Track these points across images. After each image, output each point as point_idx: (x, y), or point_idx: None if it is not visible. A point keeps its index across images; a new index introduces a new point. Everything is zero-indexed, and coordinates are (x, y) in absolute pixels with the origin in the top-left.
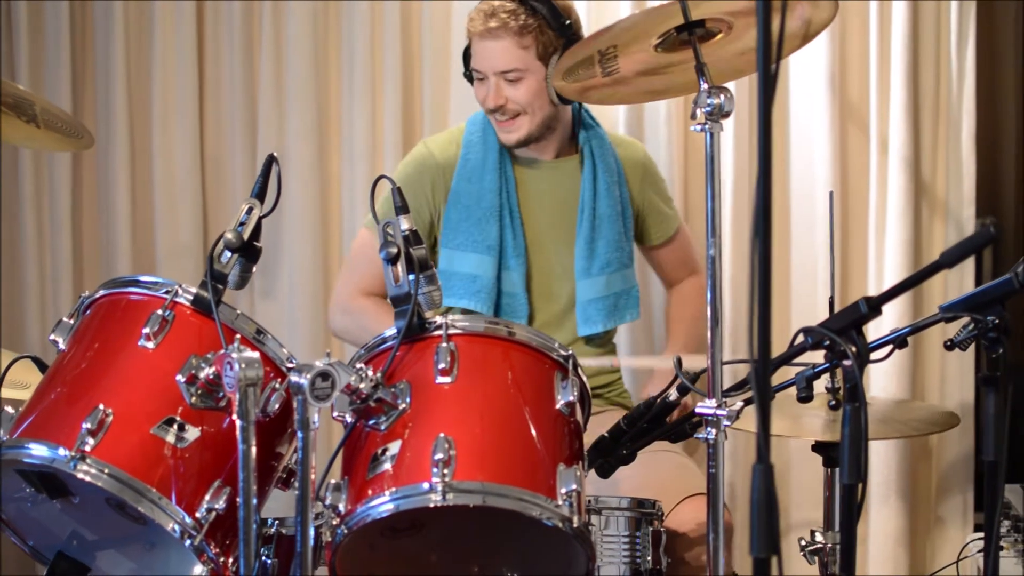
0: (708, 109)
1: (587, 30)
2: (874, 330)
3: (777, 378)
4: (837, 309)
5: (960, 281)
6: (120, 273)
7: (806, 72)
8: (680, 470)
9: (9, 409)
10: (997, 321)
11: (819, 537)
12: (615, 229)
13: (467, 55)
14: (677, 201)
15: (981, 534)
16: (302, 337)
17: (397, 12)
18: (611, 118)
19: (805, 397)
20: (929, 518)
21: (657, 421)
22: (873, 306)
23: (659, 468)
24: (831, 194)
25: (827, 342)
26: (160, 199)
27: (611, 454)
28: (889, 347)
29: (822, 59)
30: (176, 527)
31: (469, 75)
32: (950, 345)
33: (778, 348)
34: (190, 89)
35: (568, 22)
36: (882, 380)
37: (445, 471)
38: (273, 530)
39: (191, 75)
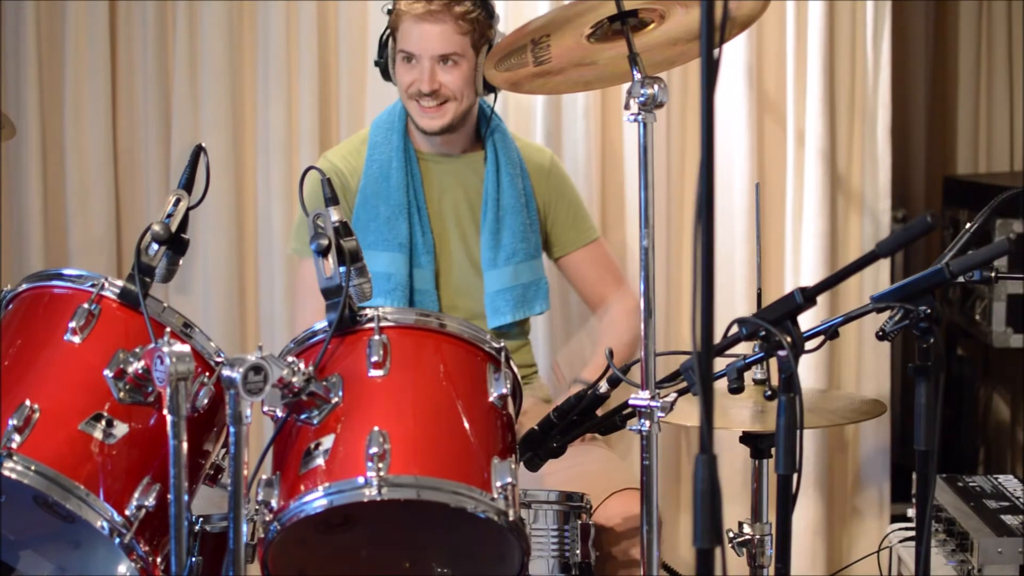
0: (642, 99)
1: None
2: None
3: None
4: (757, 300)
5: (876, 274)
6: (32, 267)
7: (724, 65)
8: (606, 464)
9: None
10: (929, 311)
11: (747, 529)
12: (519, 219)
13: (383, 41)
14: (595, 193)
15: (900, 525)
16: (217, 331)
17: (313, 6)
18: (527, 111)
19: (736, 388)
20: (846, 509)
21: (587, 414)
22: (808, 296)
23: (585, 462)
24: (756, 186)
25: (762, 332)
26: (72, 192)
27: (541, 447)
28: (821, 337)
29: (740, 52)
30: (105, 524)
31: (383, 62)
32: (881, 335)
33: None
34: (102, 81)
35: (496, 15)
36: (800, 370)
37: (380, 465)
38: (198, 527)
39: (103, 66)
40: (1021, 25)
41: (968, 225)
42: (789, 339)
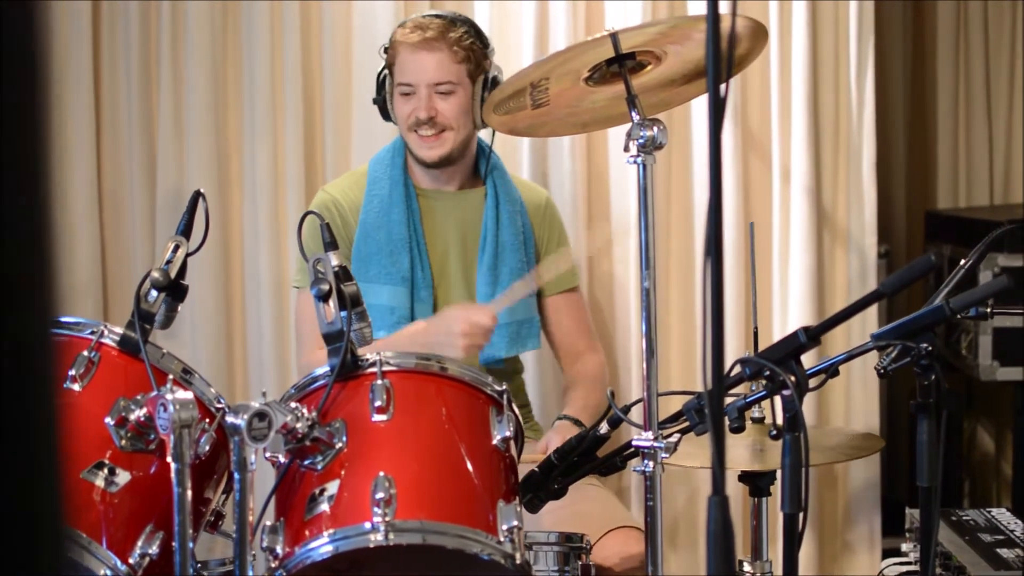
0: (641, 141)
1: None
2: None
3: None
4: (743, 339)
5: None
6: None
7: (707, 103)
8: (601, 503)
9: None
10: (929, 348)
11: (747, 567)
12: (517, 257)
13: (380, 79)
14: (581, 233)
15: (894, 560)
16: (206, 375)
17: (297, 47)
18: (514, 150)
19: (738, 428)
20: (836, 544)
21: (588, 455)
22: (812, 336)
23: (580, 501)
24: (751, 225)
25: (767, 372)
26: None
27: (542, 489)
28: (822, 376)
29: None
30: (108, 573)
31: (381, 100)
32: (882, 372)
33: (683, 381)
34: (86, 125)
35: (491, 47)
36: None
37: (386, 510)
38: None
39: (87, 110)
40: (999, 58)
41: (963, 262)
42: (793, 378)
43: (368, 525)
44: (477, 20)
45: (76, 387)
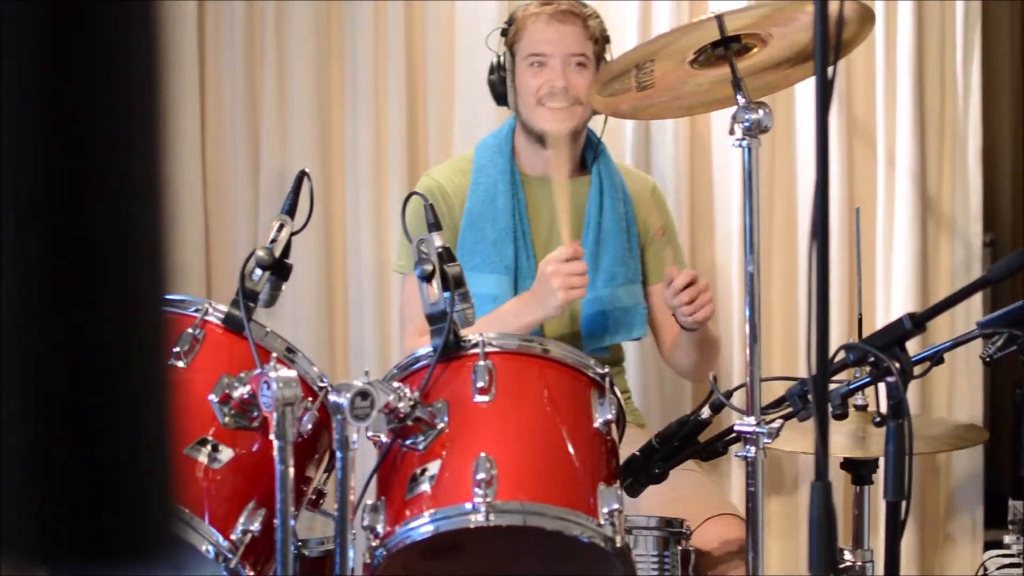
0: (747, 124)
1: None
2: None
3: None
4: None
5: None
6: None
7: (812, 88)
8: (701, 488)
9: None
10: None
11: (848, 556)
12: (619, 244)
13: (499, 63)
14: (684, 217)
15: (996, 552)
16: (307, 354)
17: (401, 28)
18: (618, 135)
19: (841, 414)
20: (938, 535)
21: (689, 439)
22: (917, 322)
23: (680, 486)
24: (857, 211)
25: (871, 358)
26: None
27: (643, 473)
28: (927, 363)
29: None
30: (210, 548)
31: (500, 79)
32: (988, 360)
33: (784, 366)
34: (191, 107)
35: (606, 32)
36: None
37: (487, 491)
38: (294, 551)
39: (192, 92)
40: None
41: None
42: (898, 365)
43: (469, 506)
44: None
45: (180, 364)
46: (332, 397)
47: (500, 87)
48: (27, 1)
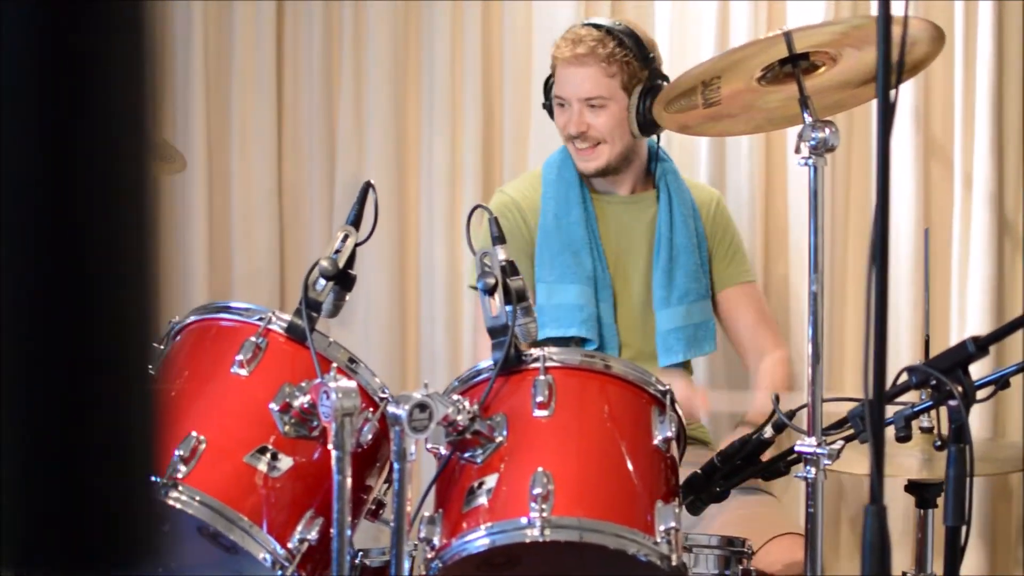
0: (813, 143)
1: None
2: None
3: None
4: (925, 348)
5: None
6: (195, 298)
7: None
8: (767, 508)
9: None
10: None
11: None
12: (692, 260)
13: (548, 85)
14: (757, 234)
15: None
16: (378, 365)
17: (478, 37)
18: (692, 152)
19: (904, 437)
20: (1009, 560)
21: (751, 459)
22: (981, 346)
23: (746, 506)
24: (926, 232)
25: (933, 381)
26: (237, 224)
27: (704, 491)
28: (991, 387)
29: (906, 95)
30: (267, 556)
31: (548, 105)
32: None
33: (856, 387)
34: (268, 114)
35: (652, 55)
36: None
37: (543, 506)
38: (357, 561)
39: (270, 100)
40: None
41: None
42: (960, 389)
43: (524, 520)
44: (657, 21)
45: (243, 372)
46: (391, 408)
47: (551, 110)
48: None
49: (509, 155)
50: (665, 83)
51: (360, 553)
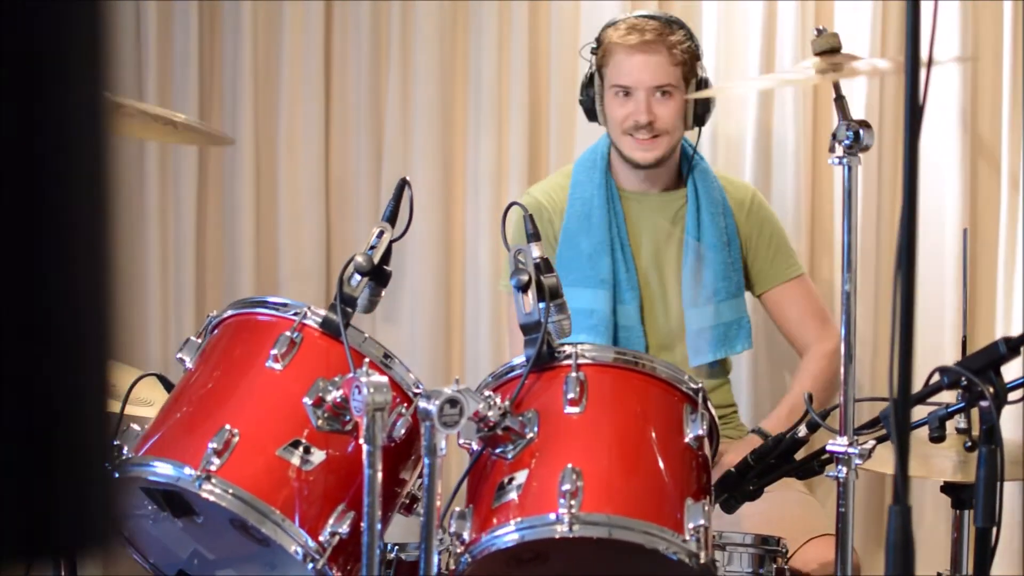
0: (847, 143)
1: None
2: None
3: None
4: (962, 348)
5: None
6: (243, 294)
7: (936, 106)
8: (805, 508)
9: (135, 426)
10: None
11: None
12: (721, 258)
13: (587, 82)
14: (803, 233)
15: None
16: (422, 362)
17: (525, 37)
18: (737, 149)
19: (938, 437)
20: None
21: (785, 457)
22: (1012, 347)
23: (784, 506)
24: (965, 232)
25: (964, 382)
26: (284, 221)
27: (737, 489)
28: None
29: (953, 93)
30: (299, 550)
31: (589, 100)
32: None
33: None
34: (316, 113)
35: (697, 48)
36: (1004, 420)
37: (572, 502)
38: (393, 555)
39: (318, 99)
40: None
41: None
42: (992, 390)
43: (553, 516)
44: (704, 20)
45: (277, 366)
46: (421, 404)
47: (590, 105)
48: None
49: (555, 154)
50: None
51: (396, 547)
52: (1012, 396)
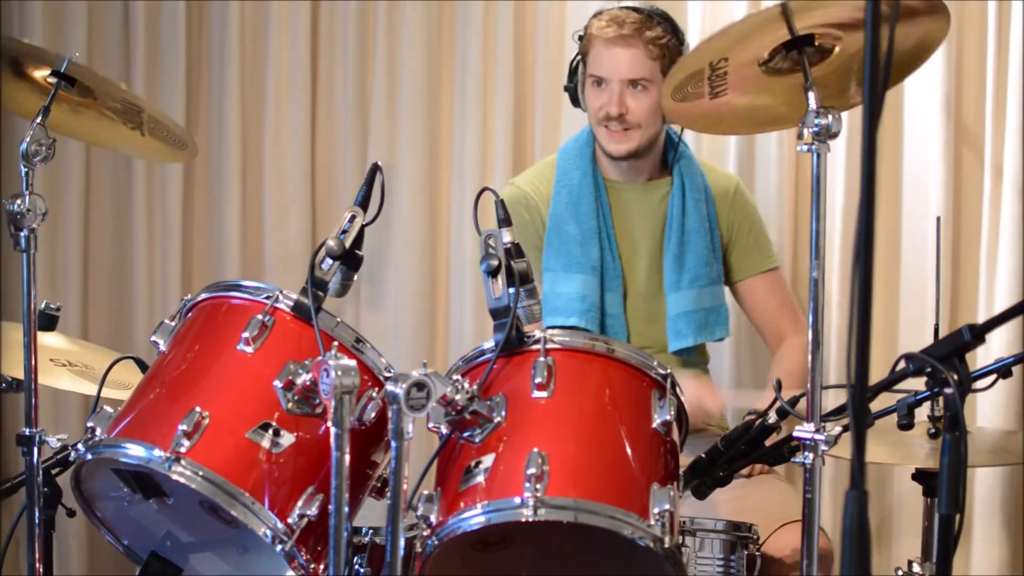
0: (815, 129)
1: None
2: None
3: (880, 404)
4: (934, 336)
5: None
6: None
7: (920, 94)
8: (780, 495)
9: (108, 408)
10: None
11: (916, 568)
12: (703, 244)
13: (573, 69)
14: (786, 223)
15: None
16: (407, 348)
17: (511, 25)
18: (720, 144)
19: (906, 424)
20: None
21: (755, 444)
22: (977, 334)
23: (759, 492)
24: (938, 220)
25: (929, 369)
26: (270, 208)
27: (708, 475)
28: (993, 376)
29: (937, 81)
30: (268, 532)
31: (573, 87)
32: None
33: (882, 374)
34: (303, 99)
35: (686, 44)
36: (990, 411)
37: (538, 486)
38: (367, 539)
39: (304, 86)
40: None
41: None
42: (956, 377)
43: (518, 500)
44: (689, 19)
45: (248, 349)
46: (388, 387)
47: (575, 92)
48: None
49: (540, 142)
50: None
51: (370, 531)
52: (980, 384)
